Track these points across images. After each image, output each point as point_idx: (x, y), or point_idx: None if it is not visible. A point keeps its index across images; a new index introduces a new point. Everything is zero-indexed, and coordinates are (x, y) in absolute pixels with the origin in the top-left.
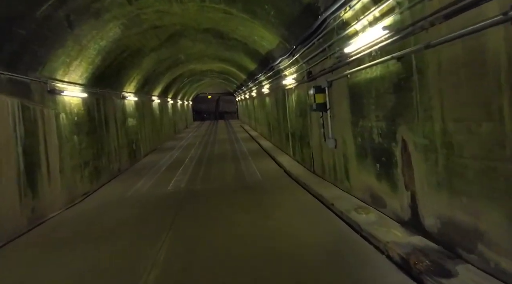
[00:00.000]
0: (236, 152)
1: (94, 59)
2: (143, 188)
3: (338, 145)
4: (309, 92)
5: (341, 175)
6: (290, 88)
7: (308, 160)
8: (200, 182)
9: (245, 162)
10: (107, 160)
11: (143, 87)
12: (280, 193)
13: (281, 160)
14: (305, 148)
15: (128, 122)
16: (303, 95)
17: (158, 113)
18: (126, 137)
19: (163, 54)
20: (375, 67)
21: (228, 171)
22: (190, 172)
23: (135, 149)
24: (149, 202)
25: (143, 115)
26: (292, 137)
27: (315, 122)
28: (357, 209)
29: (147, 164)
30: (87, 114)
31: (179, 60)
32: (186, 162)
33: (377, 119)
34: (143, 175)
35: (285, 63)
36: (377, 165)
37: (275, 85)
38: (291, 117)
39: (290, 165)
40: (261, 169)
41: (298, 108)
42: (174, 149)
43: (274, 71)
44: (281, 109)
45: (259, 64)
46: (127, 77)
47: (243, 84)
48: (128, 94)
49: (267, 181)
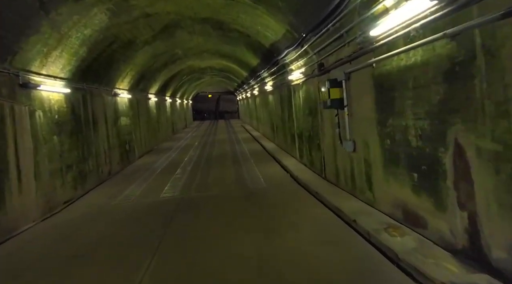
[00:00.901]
0: (237, 154)
1: (78, 50)
2: (133, 195)
3: (357, 148)
4: (320, 87)
5: (361, 183)
6: (297, 83)
7: (318, 164)
8: (196, 188)
9: (246, 165)
10: (94, 162)
11: (138, 84)
12: (289, 204)
13: (286, 163)
14: (315, 150)
15: (120, 121)
16: (313, 91)
17: (155, 112)
18: (118, 137)
19: (158, 48)
20: (414, 51)
21: (228, 175)
22: (186, 177)
23: (128, 150)
24: (137, 213)
25: (138, 114)
26: (299, 138)
27: (327, 121)
28: (388, 229)
29: (141, 167)
30: (71, 112)
31: (176, 56)
32: (183, 165)
33: (416, 116)
34: (135, 179)
35: (291, 55)
36: (414, 174)
37: (279, 82)
38: (297, 116)
39: (297, 169)
40: (265, 173)
41: (306, 105)
42: (171, 150)
43: (278, 66)
44: (286, 107)
45: (262, 58)
46: (119, 72)
47: (244, 82)
48: (121, 91)
49: (272, 188)
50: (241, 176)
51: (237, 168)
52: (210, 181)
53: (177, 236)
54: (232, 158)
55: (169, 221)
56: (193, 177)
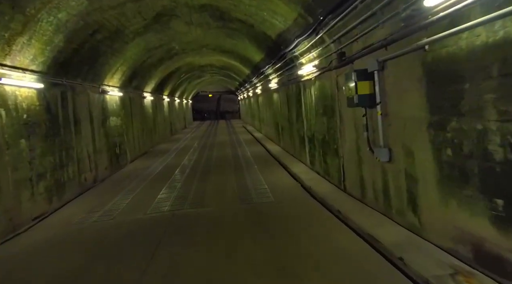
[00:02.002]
0: (238, 158)
1: (52, 38)
2: (116, 210)
3: (394, 157)
4: (339, 82)
5: (400, 203)
6: (308, 79)
7: (334, 173)
8: (191, 202)
9: (250, 172)
10: (76, 169)
11: (131, 81)
12: (305, 228)
13: (295, 170)
14: (331, 156)
15: (109, 122)
16: (329, 87)
17: (151, 111)
18: (106, 139)
19: (152, 41)
20: (504, 20)
21: (229, 185)
22: (181, 186)
23: (118, 153)
24: (114, 239)
25: (131, 113)
26: (309, 142)
27: (349, 122)
28: (457, 278)
29: (131, 172)
30: (45, 111)
31: (173, 51)
32: (178, 170)
33: (505, 118)
34: (123, 188)
35: (302, 46)
36: (498, 200)
37: (286, 78)
38: (308, 116)
39: (309, 178)
40: (271, 183)
41: (320, 104)
42: (168, 153)
43: (286, 60)
44: (294, 106)
45: (267, 53)
46: (107, 67)
47: (247, 80)
48: (111, 88)
49: (281, 203)
50: (244, 186)
51: (239, 175)
52: (208, 192)
53: (161, 279)
54: (233, 163)
55: (152, 251)
56: (189, 187)
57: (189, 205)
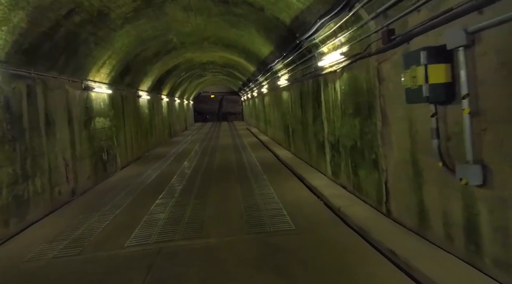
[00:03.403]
0: (244, 165)
1: (8, 16)
2: (86, 239)
3: (494, 179)
4: (384, 71)
5: (505, 253)
6: (332, 71)
7: (371, 191)
8: (184, 229)
9: (258, 184)
10: (46, 181)
11: (123, 77)
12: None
13: (315, 183)
14: (366, 169)
15: (95, 123)
16: (364, 79)
17: (147, 112)
18: (90, 143)
19: (145, 30)
20: None
21: (234, 203)
22: (174, 203)
23: (106, 159)
24: None
25: (123, 114)
26: (332, 148)
27: (398, 125)
28: None
29: (120, 182)
30: (2, 110)
31: (171, 44)
32: (174, 180)
33: None
34: (104, 204)
35: (326, 29)
36: None
37: (300, 73)
38: (330, 117)
39: (335, 194)
40: (287, 200)
41: (349, 101)
42: (164, 158)
43: (301, 50)
44: (310, 105)
45: (277, 45)
46: (92, 59)
47: (251, 79)
48: (98, 84)
49: (306, 234)
50: (252, 205)
51: (246, 188)
52: (207, 213)
53: None
54: (238, 172)
55: None
56: (184, 205)
57: (182, 234)
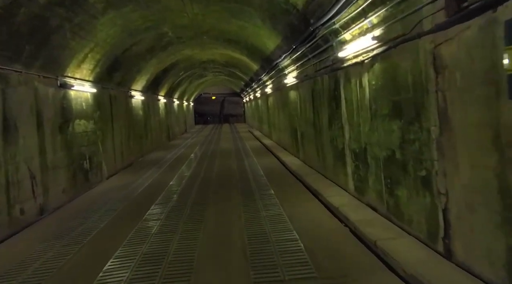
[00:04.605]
0: (246, 175)
1: None
2: None
3: None
4: (447, 55)
5: None
6: (357, 63)
7: (420, 219)
8: (164, 278)
9: (265, 201)
10: (3, 198)
11: (111, 74)
12: None
13: (335, 201)
14: (411, 189)
15: (74, 127)
16: (410, 70)
17: (142, 113)
18: (67, 150)
19: (133, 19)
20: None
21: (235, 229)
22: (157, 231)
23: (88, 168)
24: None
25: (111, 115)
26: (356, 158)
27: (471, 132)
28: None
29: (101, 196)
30: None
31: (166, 38)
32: (165, 193)
33: None
34: (72, 229)
35: (352, 9)
36: None
37: (312, 68)
38: (354, 120)
39: (363, 219)
40: (302, 226)
41: (383, 100)
42: (158, 165)
43: (315, 40)
44: (325, 105)
45: (285, 36)
46: (69, 51)
47: (254, 78)
48: (78, 81)
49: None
50: (259, 235)
51: (249, 208)
52: (200, 246)
53: None
54: (240, 185)
55: None
56: (171, 233)
57: (166, 277)
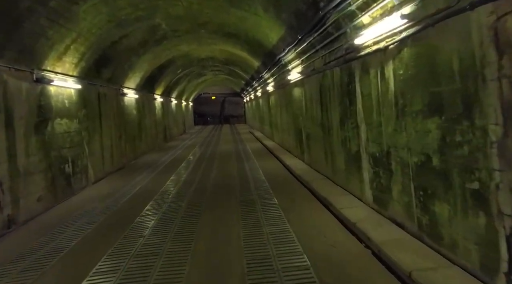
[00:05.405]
0: (247, 180)
1: None
2: None
3: None
4: None
5: None
6: (379, 49)
7: (469, 246)
8: None
9: (268, 214)
10: None
11: (99, 69)
12: None
13: (351, 215)
14: (456, 204)
15: (54, 126)
16: (456, 53)
17: (135, 113)
18: (45, 153)
19: (121, 7)
20: None
21: (232, 250)
22: (137, 254)
23: (70, 173)
24: None
25: (100, 114)
26: (375, 163)
27: None
28: None
29: (83, 205)
30: None
31: (160, 31)
32: (151, 206)
33: None
34: (39, 247)
35: None
36: None
37: (321, 61)
38: (374, 118)
39: (389, 240)
40: (314, 247)
41: (417, 93)
42: (151, 169)
43: (325, 29)
44: (336, 102)
45: (291, 25)
46: (46, 41)
47: (255, 76)
48: (60, 76)
49: None
50: (261, 259)
51: (249, 222)
52: (188, 274)
53: None
54: (240, 192)
55: None
56: (154, 256)
57: None
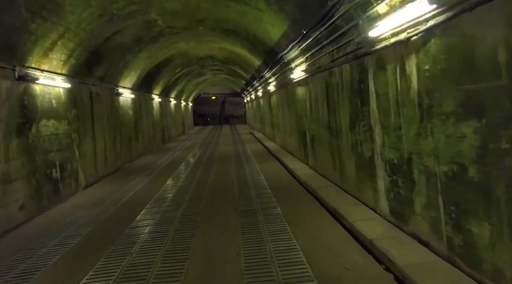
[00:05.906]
0: (247, 185)
1: None
2: None
3: None
4: None
5: None
6: (398, 42)
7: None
8: None
9: (271, 226)
10: None
11: (91, 67)
12: None
13: (367, 230)
14: (499, 226)
15: (39, 128)
16: (501, 43)
17: (132, 113)
18: (28, 157)
19: (111, 1)
20: None
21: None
22: (122, 275)
23: (58, 178)
24: None
25: (92, 115)
26: (392, 171)
27: None
28: None
29: (70, 213)
30: None
31: (156, 28)
32: (142, 216)
33: None
34: (14, 266)
35: None
36: None
37: (327, 58)
38: (392, 120)
39: (415, 263)
40: (324, 268)
41: (447, 91)
42: (146, 172)
43: (333, 22)
44: (345, 103)
45: (295, 18)
46: (29, 36)
47: (256, 76)
48: (45, 74)
49: None
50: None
51: (251, 237)
52: None
53: None
54: (239, 200)
55: None
56: (142, 275)
57: None
